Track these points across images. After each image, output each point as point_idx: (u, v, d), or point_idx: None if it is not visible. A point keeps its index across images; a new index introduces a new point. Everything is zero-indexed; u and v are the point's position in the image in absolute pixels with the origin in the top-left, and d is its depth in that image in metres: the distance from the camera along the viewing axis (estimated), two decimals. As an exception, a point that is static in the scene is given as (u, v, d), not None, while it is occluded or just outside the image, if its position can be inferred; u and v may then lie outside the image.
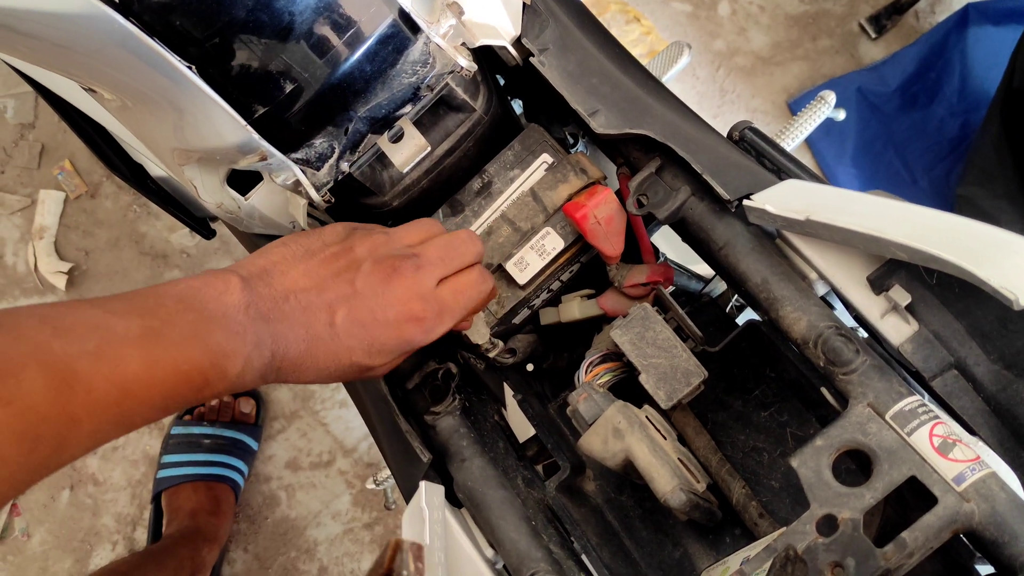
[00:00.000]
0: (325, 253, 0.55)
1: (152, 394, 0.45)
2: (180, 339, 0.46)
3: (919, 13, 1.67)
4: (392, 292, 0.54)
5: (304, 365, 0.52)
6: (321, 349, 0.52)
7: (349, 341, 0.53)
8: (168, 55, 0.51)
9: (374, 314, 0.54)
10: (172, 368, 0.45)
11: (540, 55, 0.64)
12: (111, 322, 0.45)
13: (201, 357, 0.46)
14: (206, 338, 0.47)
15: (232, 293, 0.50)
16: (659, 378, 0.60)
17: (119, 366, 0.43)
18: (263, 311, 0.51)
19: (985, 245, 0.47)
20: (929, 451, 0.47)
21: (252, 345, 0.49)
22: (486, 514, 0.59)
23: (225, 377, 0.48)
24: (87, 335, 0.43)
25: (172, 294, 0.49)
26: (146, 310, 0.47)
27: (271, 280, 0.53)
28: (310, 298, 0.53)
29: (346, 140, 0.59)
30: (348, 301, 0.53)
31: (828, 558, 0.47)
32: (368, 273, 0.54)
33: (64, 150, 1.70)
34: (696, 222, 0.61)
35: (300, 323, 0.52)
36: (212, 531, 1.37)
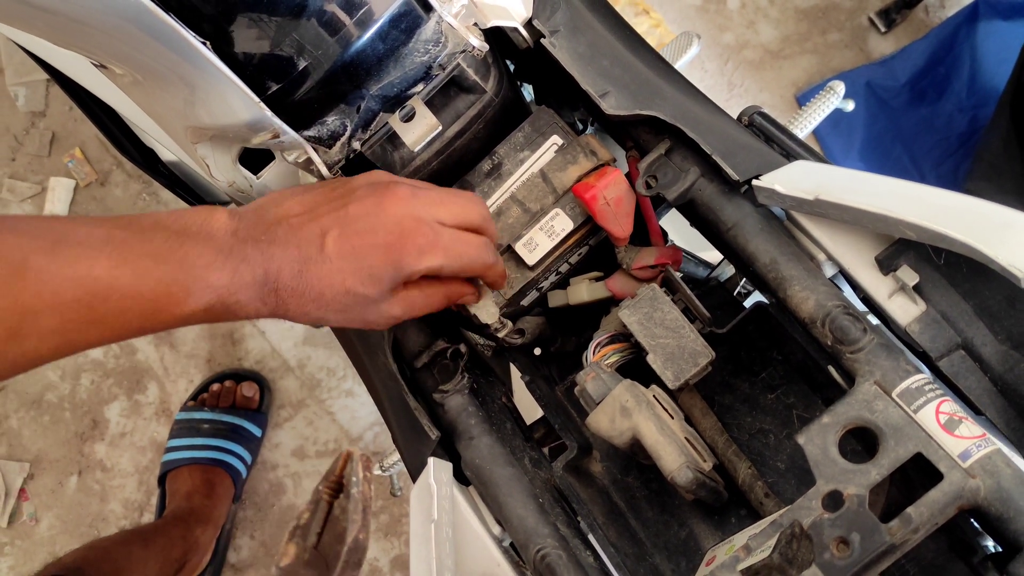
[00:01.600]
0: (323, 187, 0.56)
1: (126, 299, 0.45)
2: (152, 250, 0.46)
3: (929, 7, 1.66)
4: (385, 212, 0.54)
5: (301, 290, 0.52)
6: (314, 272, 0.52)
7: (340, 263, 0.52)
8: (183, 30, 0.51)
9: (364, 236, 0.53)
10: (143, 272, 0.45)
11: (551, 37, 0.64)
12: (73, 227, 0.45)
13: (177, 267, 0.47)
14: (182, 250, 0.47)
15: (217, 220, 0.50)
16: (667, 358, 0.60)
17: (79, 264, 0.44)
18: (252, 234, 0.51)
19: (993, 224, 0.48)
20: (935, 428, 0.47)
21: (238, 259, 0.49)
22: (494, 491, 0.60)
23: (211, 288, 0.48)
24: (44, 234, 0.44)
25: (147, 217, 0.49)
26: (114, 223, 0.47)
27: (263, 212, 0.53)
28: (301, 221, 0.53)
29: (358, 118, 0.60)
30: (340, 222, 0.53)
31: (833, 533, 0.47)
32: (362, 197, 0.54)
33: (75, 138, 1.71)
34: (705, 203, 0.61)
35: (292, 244, 0.52)
36: (205, 513, 1.38)
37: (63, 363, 1.65)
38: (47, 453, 1.62)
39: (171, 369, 1.63)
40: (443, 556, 0.55)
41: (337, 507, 0.47)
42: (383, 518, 1.55)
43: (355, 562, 0.44)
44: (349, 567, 0.44)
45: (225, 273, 0.48)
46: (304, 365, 1.62)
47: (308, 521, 0.47)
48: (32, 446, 1.62)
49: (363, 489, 0.47)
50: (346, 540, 0.45)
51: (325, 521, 0.47)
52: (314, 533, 0.47)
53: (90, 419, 1.62)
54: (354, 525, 0.46)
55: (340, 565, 0.44)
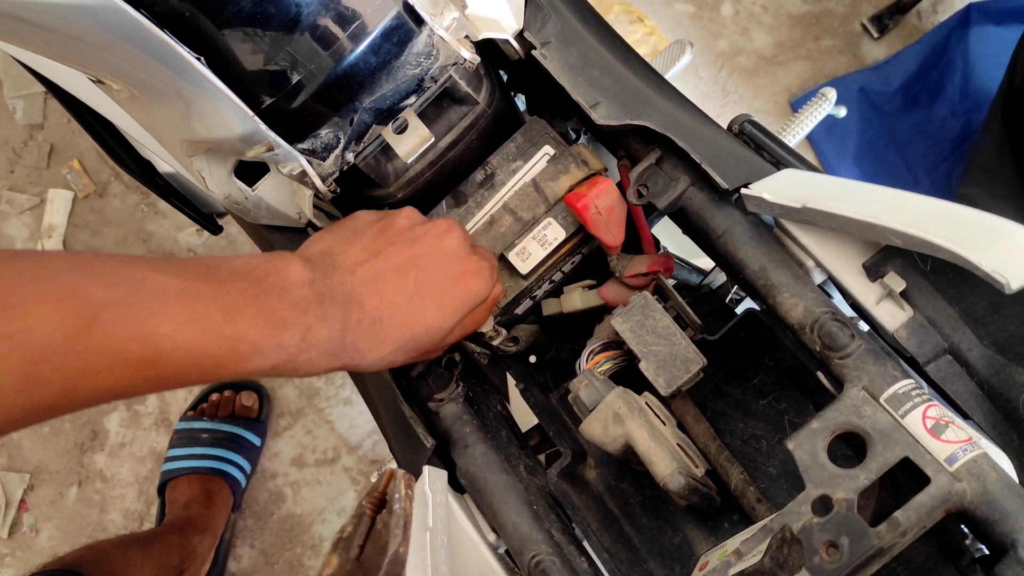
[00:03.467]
0: (372, 229, 0.57)
1: (191, 357, 0.43)
2: (228, 304, 0.44)
3: (921, 13, 1.67)
4: (447, 250, 0.56)
5: (380, 336, 0.52)
6: (397, 316, 0.52)
7: (424, 301, 0.54)
8: (177, 46, 0.52)
9: (442, 271, 0.55)
10: (212, 331, 0.43)
11: (542, 48, 0.65)
12: (150, 276, 0.42)
13: (249, 324, 0.44)
14: (257, 305, 0.45)
15: (294, 270, 0.48)
16: (659, 365, 0.61)
17: (149, 320, 0.41)
18: (330, 287, 0.50)
19: (977, 230, 0.48)
20: (922, 432, 0.48)
21: (315, 318, 0.47)
22: (488, 499, 0.60)
23: (281, 348, 0.46)
24: (119, 283, 0.41)
25: (226, 264, 0.47)
26: (192, 272, 0.44)
27: (334, 259, 0.53)
28: (378, 267, 0.53)
29: (351, 131, 0.61)
30: (415, 263, 0.54)
31: (823, 537, 0.48)
32: (423, 235, 0.56)
33: (73, 150, 1.72)
34: (695, 211, 0.62)
35: (372, 292, 0.52)
36: (203, 522, 1.39)
37: (62, 374, 1.65)
38: (47, 464, 1.62)
39: (170, 379, 1.63)
40: (438, 563, 0.55)
41: (379, 522, 0.48)
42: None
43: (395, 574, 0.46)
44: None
45: (299, 331, 0.46)
46: (303, 374, 1.62)
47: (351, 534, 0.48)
48: (32, 457, 1.62)
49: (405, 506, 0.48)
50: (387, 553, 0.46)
51: (368, 534, 0.48)
52: (356, 545, 0.48)
53: (90, 430, 1.63)
54: (395, 539, 0.47)
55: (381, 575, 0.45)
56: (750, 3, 1.71)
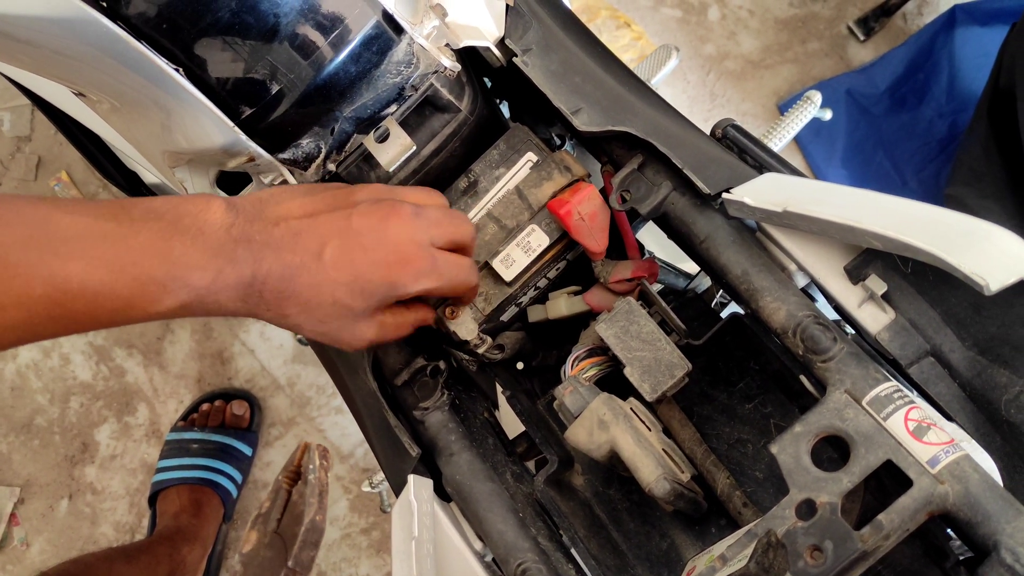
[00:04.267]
0: (326, 192, 0.55)
1: (99, 296, 0.44)
2: (137, 244, 0.45)
3: (907, 15, 1.68)
4: (387, 232, 0.54)
5: (286, 293, 0.51)
6: (305, 278, 0.51)
7: (335, 273, 0.52)
8: (155, 58, 0.52)
9: (365, 250, 0.53)
10: (120, 270, 0.44)
11: (523, 55, 0.65)
12: (56, 217, 0.43)
13: (157, 265, 0.45)
14: (167, 247, 0.46)
15: (214, 213, 0.49)
16: (644, 371, 0.61)
17: (52, 263, 0.42)
18: (248, 233, 0.49)
19: (956, 232, 0.48)
20: (904, 435, 0.48)
21: (226, 260, 0.48)
22: (474, 507, 0.60)
23: (189, 288, 0.47)
24: (23, 225, 0.42)
25: (141, 204, 0.47)
26: (102, 212, 0.45)
27: (263, 208, 0.52)
28: (302, 225, 0.52)
29: (332, 140, 0.61)
30: (341, 233, 0.53)
31: (807, 541, 0.48)
32: (365, 212, 0.54)
33: (60, 162, 1.72)
34: (678, 216, 0.62)
35: (287, 248, 0.51)
36: (193, 532, 1.38)
37: (52, 387, 1.64)
38: (37, 477, 1.61)
39: (161, 390, 1.63)
40: (424, 573, 0.55)
41: (295, 493, 0.49)
42: (375, 535, 1.55)
43: (312, 542, 0.47)
44: (307, 546, 0.46)
45: (208, 273, 0.47)
46: (294, 383, 1.62)
47: (268, 509, 0.49)
48: (22, 470, 1.62)
49: (319, 476, 0.49)
50: (303, 521, 0.47)
51: (284, 507, 0.49)
52: (274, 519, 0.49)
53: (80, 442, 1.62)
54: (311, 508, 0.48)
55: (297, 544, 0.46)
56: (736, 7, 1.72)
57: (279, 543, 0.48)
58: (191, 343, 1.65)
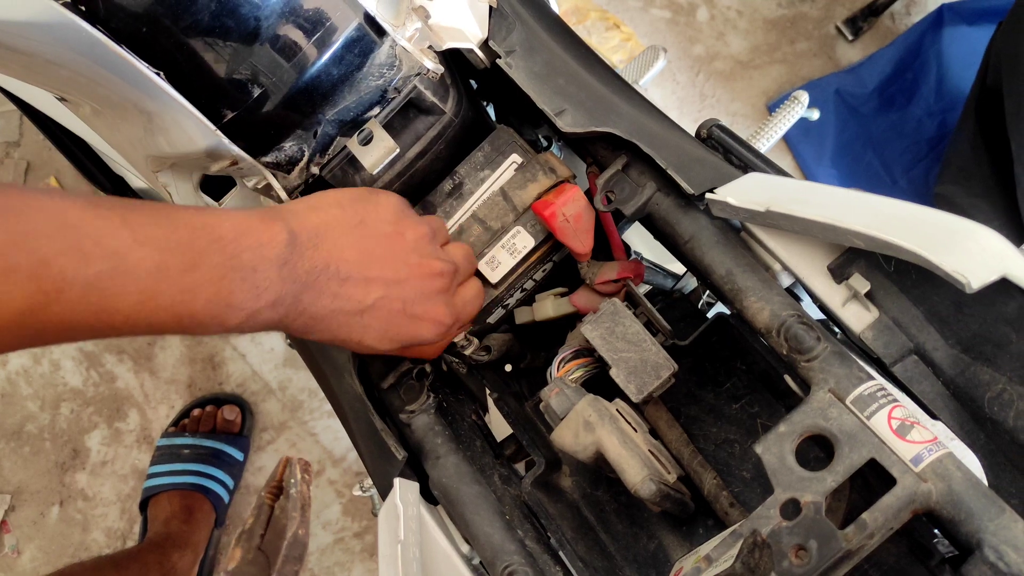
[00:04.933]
0: (378, 230, 0.56)
1: (133, 328, 0.44)
2: (189, 283, 0.45)
3: (895, 15, 1.69)
4: (427, 291, 0.57)
5: (317, 328, 0.53)
6: (341, 321, 0.53)
7: (370, 321, 0.54)
8: (136, 62, 0.52)
9: (404, 306, 0.56)
10: (164, 308, 0.44)
11: (507, 57, 0.65)
12: (129, 251, 0.43)
13: (202, 306, 0.45)
14: (217, 287, 0.46)
15: (274, 247, 0.49)
16: (629, 372, 0.60)
17: (110, 301, 0.42)
18: (299, 274, 0.50)
19: (938, 231, 0.49)
20: (888, 433, 0.48)
21: (267, 303, 0.48)
22: (460, 510, 0.60)
23: (221, 326, 0.47)
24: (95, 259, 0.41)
25: (211, 230, 0.47)
26: (174, 243, 0.45)
27: (319, 243, 0.52)
28: (351, 271, 0.53)
29: (315, 143, 0.60)
30: (387, 286, 0.54)
31: (792, 541, 0.47)
32: (413, 266, 0.56)
33: (50, 167, 1.71)
34: (662, 217, 0.62)
35: (330, 293, 0.52)
36: (184, 538, 1.38)
37: (42, 393, 1.64)
38: (28, 484, 1.61)
39: (152, 395, 1.63)
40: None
41: (278, 508, 0.49)
42: (368, 539, 1.55)
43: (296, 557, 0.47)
44: (290, 561, 0.47)
45: (245, 314, 0.47)
46: (285, 387, 1.62)
47: (251, 525, 0.49)
48: (13, 477, 1.61)
49: (301, 490, 0.49)
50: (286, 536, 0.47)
51: (267, 523, 0.49)
52: (257, 535, 0.49)
53: (71, 448, 1.61)
54: (293, 522, 0.48)
55: (280, 559, 0.46)
56: (725, 8, 1.72)
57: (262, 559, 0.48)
58: (182, 348, 1.64)
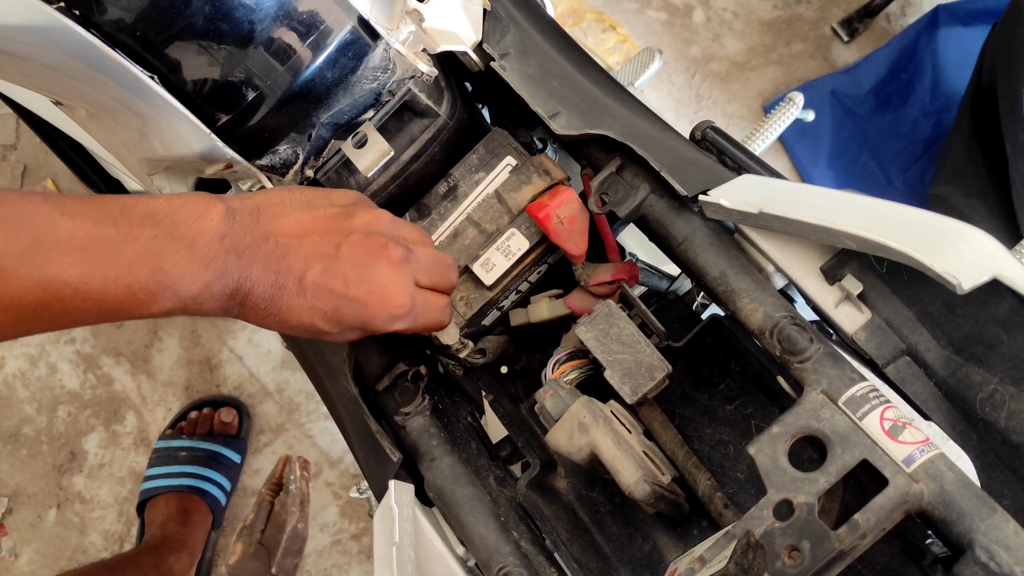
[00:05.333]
0: (325, 211, 0.55)
1: (85, 302, 0.45)
2: (132, 253, 0.46)
3: (890, 16, 1.69)
4: (371, 269, 0.54)
5: (267, 309, 0.52)
6: (285, 300, 0.52)
7: (313, 300, 0.53)
8: (130, 65, 0.52)
9: (346, 283, 0.53)
10: (114, 279, 0.45)
11: (501, 60, 0.65)
12: (59, 222, 0.44)
13: (149, 275, 0.46)
14: (161, 257, 0.46)
15: (211, 220, 0.49)
16: (624, 373, 0.61)
17: (49, 270, 0.43)
18: (239, 245, 0.50)
19: (930, 232, 0.49)
20: (880, 434, 0.48)
21: (215, 274, 0.49)
22: (456, 511, 0.60)
23: (177, 297, 0.48)
24: (25, 230, 0.42)
25: (143, 206, 0.47)
26: (104, 216, 0.46)
27: (259, 218, 0.52)
28: (290, 245, 0.52)
29: (310, 146, 0.61)
30: (325, 260, 0.53)
31: (785, 542, 0.48)
32: (355, 243, 0.54)
33: (46, 170, 1.71)
34: (656, 219, 0.62)
35: (272, 268, 0.51)
36: (180, 540, 1.37)
37: (39, 396, 1.64)
38: (25, 487, 1.60)
39: (149, 398, 1.62)
40: (405, 578, 0.55)
41: (278, 504, 0.50)
42: (365, 540, 1.55)
43: (295, 550, 0.48)
44: (290, 553, 0.48)
45: (196, 285, 0.48)
46: (283, 389, 1.62)
47: (252, 520, 0.50)
48: (10, 480, 1.61)
49: (300, 486, 0.50)
50: (286, 530, 0.48)
51: (268, 518, 0.50)
52: (258, 529, 0.50)
53: (68, 451, 1.61)
54: (292, 516, 0.49)
55: (280, 552, 0.47)
56: (721, 9, 1.72)
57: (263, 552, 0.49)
58: (179, 350, 1.64)
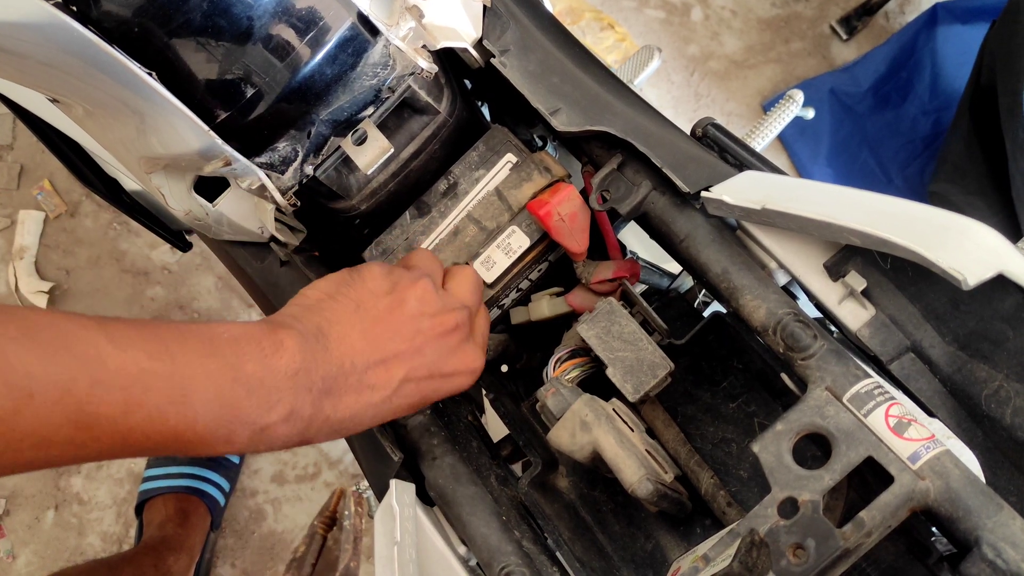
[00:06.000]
0: (377, 307, 0.52)
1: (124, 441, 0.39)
2: (185, 387, 0.39)
3: (889, 14, 1.69)
4: (450, 347, 0.54)
5: (346, 428, 0.49)
6: (372, 413, 0.50)
7: (401, 401, 0.52)
8: (128, 62, 0.52)
9: (432, 371, 0.53)
10: (158, 418, 0.39)
11: (501, 56, 0.65)
12: (106, 353, 0.38)
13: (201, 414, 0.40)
14: (220, 403, 0.41)
15: (284, 355, 0.44)
16: (626, 371, 0.60)
17: (88, 405, 0.37)
18: (314, 381, 0.46)
19: (934, 228, 0.48)
20: (885, 431, 0.48)
21: (280, 417, 0.43)
22: (457, 511, 0.60)
23: (229, 443, 0.42)
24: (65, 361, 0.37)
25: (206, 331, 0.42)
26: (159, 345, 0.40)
27: (328, 343, 0.48)
28: (367, 360, 0.49)
29: (309, 143, 0.60)
30: (408, 360, 0.51)
31: (789, 540, 0.47)
32: (428, 329, 0.53)
33: (43, 170, 1.70)
34: (658, 216, 0.61)
35: (352, 392, 0.48)
36: (178, 541, 1.37)
37: (37, 396, 1.63)
38: (23, 488, 1.60)
39: (147, 398, 1.62)
40: (406, 578, 0.55)
41: (331, 539, 0.49)
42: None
43: None
44: None
45: (253, 430, 0.43)
46: (281, 389, 1.61)
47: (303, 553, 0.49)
48: (7, 481, 1.60)
49: (355, 522, 0.48)
50: (338, 568, 0.47)
51: (320, 552, 0.49)
52: (308, 564, 0.49)
53: (66, 452, 1.61)
54: (345, 554, 0.48)
55: None
56: (719, 7, 1.72)
57: None
58: (177, 351, 1.63)
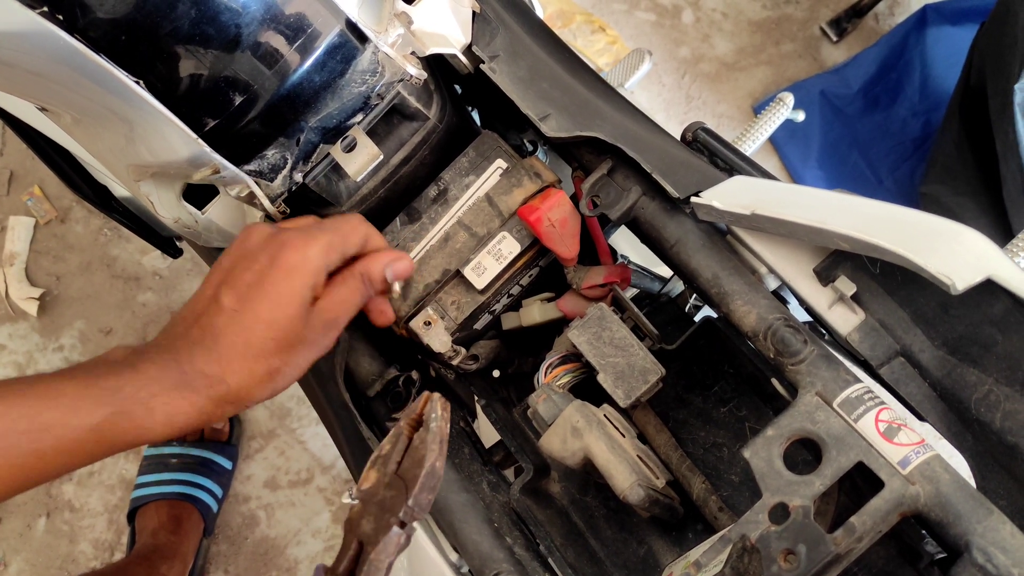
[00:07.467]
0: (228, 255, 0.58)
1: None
2: None
3: (878, 15, 1.69)
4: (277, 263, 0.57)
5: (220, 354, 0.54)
6: (221, 327, 0.55)
7: (244, 304, 0.55)
8: (115, 70, 0.51)
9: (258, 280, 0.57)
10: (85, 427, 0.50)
11: (491, 62, 0.65)
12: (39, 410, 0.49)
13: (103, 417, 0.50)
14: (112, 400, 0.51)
15: None
16: (617, 377, 0.60)
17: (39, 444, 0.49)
18: (162, 342, 0.55)
19: (923, 232, 0.48)
20: (875, 436, 0.48)
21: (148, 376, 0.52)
22: (448, 518, 0.60)
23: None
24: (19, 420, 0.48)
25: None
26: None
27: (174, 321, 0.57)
28: (197, 298, 0.57)
29: (298, 151, 0.60)
30: (228, 279, 0.56)
31: (780, 546, 0.47)
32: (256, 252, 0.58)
33: (33, 176, 1.70)
34: (648, 221, 0.61)
35: (187, 320, 0.56)
36: (171, 549, 1.36)
37: (28, 403, 1.62)
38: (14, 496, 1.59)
39: (139, 405, 1.61)
40: (398, 586, 0.54)
41: (416, 439, 0.50)
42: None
43: (431, 487, 0.48)
44: (425, 490, 0.48)
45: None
46: (274, 395, 1.60)
47: (389, 452, 0.50)
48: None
49: (441, 425, 0.50)
50: (424, 465, 0.48)
51: (405, 451, 0.50)
52: (394, 461, 0.50)
53: (57, 459, 1.60)
54: (432, 454, 0.49)
55: (418, 487, 0.47)
56: (710, 10, 1.72)
57: (399, 484, 0.49)
58: (169, 356, 1.63)
